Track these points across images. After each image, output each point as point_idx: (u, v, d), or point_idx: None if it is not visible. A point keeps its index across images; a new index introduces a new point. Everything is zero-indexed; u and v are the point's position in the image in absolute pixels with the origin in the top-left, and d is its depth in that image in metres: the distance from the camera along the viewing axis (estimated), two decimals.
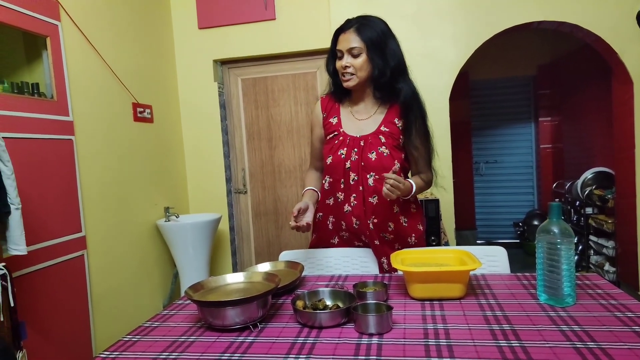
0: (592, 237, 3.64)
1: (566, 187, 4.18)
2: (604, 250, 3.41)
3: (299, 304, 1.30)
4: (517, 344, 1.06)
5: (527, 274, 1.58)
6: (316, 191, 1.87)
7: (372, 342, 1.11)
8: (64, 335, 2.31)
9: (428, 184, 1.84)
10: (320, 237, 1.90)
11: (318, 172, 1.97)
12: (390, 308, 1.20)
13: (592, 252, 3.69)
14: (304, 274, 1.74)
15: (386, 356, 1.03)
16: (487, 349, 1.05)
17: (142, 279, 3.01)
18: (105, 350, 1.16)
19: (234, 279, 1.46)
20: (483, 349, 1.05)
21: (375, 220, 1.75)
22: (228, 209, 3.70)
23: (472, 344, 1.07)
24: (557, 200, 4.42)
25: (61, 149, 2.37)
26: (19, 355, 1.52)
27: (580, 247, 3.92)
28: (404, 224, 1.79)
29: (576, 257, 4.03)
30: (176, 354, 1.12)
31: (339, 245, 1.85)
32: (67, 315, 2.34)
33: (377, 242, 1.78)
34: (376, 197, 1.75)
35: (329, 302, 1.35)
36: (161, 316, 1.38)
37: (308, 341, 1.14)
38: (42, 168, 2.24)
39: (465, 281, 1.35)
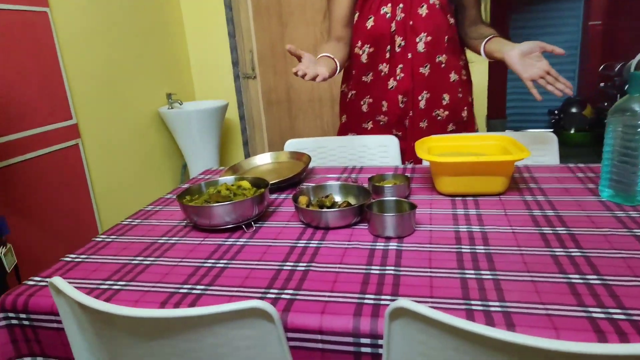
0: None
1: (616, 68, 3.70)
2: None
3: (302, 200, 1.07)
4: (578, 253, 0.82)
5: (581, 165, 1.30)
6: (334, 59, 1.44)
7: (390, 247, 0.89)
8: (65, 225, 2.22)
9: None
10: (351, 122, 1.61)
11: (340, 43, 1.55)
12: (413, 206, 0.96)
13: None
14: (311, 165, 1.50)
15: (407, 267, 0.81)
16: (537, 258, 0.81)
17: (148, 172, 2.87)
18: (71, 254, 0.98)
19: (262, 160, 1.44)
20: (533, 258, 0.82)
21: (427, 95, 1.46)
22: (237, 96, 3.41)
23: (518, 251, 0.84)
24: (602, 84, 3.95)
25: (35, 24, 2.05)
26: (2, 250, 1.38)
27: None
28: (459, 94, 1.51)
29: None
30: (152, 258, 0.93)
31: (372, 132, 1.58)
32: (67, 205, 2.22)
33: (424, 125, 1.51)
34: (428, 67, 1.44)
35: (338, 199, 1.12)
36: (143, 212, 1.19)
37: (311, 244, 0.93)
38: (17, 48, 1.95)
39: (509, 174, 1.08)
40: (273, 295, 0.76)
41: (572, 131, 4.19)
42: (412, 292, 0.73)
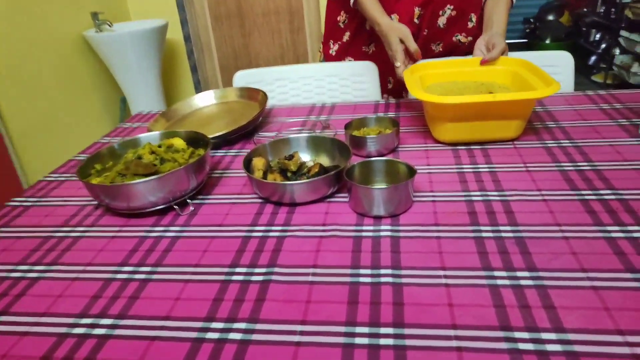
0: (623, 33, 3.04)
1: None
2: (636, 48, 2.87)
3: (257, 163, 0.79)
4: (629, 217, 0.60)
5: (602, 92, 1.05)
6: None
7: (382, 232, 0.64)
8: None
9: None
10: (349, 43, 1.26)
11: None
12: (412, 171, 0.69)
13: (618, 51, 3.15)
14: (269, 103, 1.19)
15: (411, 268, 0.57)
16: (589, 243, 0.58)
17: (78, 108, 2.45)
18: None
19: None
20: (582, 243, 0.58)
21: (452, 12, 1.14)
22: (179, 12, 2.91)
23: (560, 233, 0.60)
24: None
25: None
26: None
27: (603, 45, 3.35)
28: None
29: (594, 58, 3.48)
30: (36, 273, 0.64)
31: (372, 57, 1.25)
32: None
33: (437, 49, 1.20)
34: None
35: (306, 158, 0.84)
36: (67, 167, 0.88)
37: (271, 233, 0.66)
38: None
39: (527, 115, 0.82)
40: (216, 336, 0.50)
41: (548, 41, 3.92)
42: (425, 319, 0.49)
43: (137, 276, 0.60)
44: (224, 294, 0.56)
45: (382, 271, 0.57)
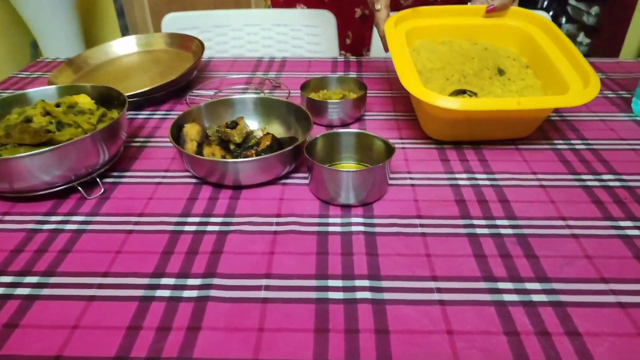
0: (571, 1, 3.04)
1: None
2: (583, 18, 2.88)
3: (191, 132, 0.61)
4: None
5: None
6: None
7: (354, 227, 0.50)
8: None
9: None
10: None
11: None
12: (390, 149, 0.55)
13: (564, 19, 3.16)
14: (205, 56, 0.99)
15: (391, 277, 0.44)
16: (604, 245, 0.48)
17: None
18: None
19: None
20: (597, 244, 0.48)
21: None
22: None
23: (568, 230, 0.50)
24: None
25: None
26: None
27: (551, 13, 3.35)
28: None
29: None
30: None
31: (328, 6, 1.04)
32: None
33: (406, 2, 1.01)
34: None
35: (253, 126, 0.67)
36: None
37: (209, 227, 0.51)
38: None
39: (545, 115, 0.68)
40: None
41: None
42: (421, 350, 0.37)
43: (19, 291, 0.43)
44: (142, 320, 0.40)
45: (358, 283, 0.43)
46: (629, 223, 0.51)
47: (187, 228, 0.50)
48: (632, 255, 0.46)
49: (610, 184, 0.57)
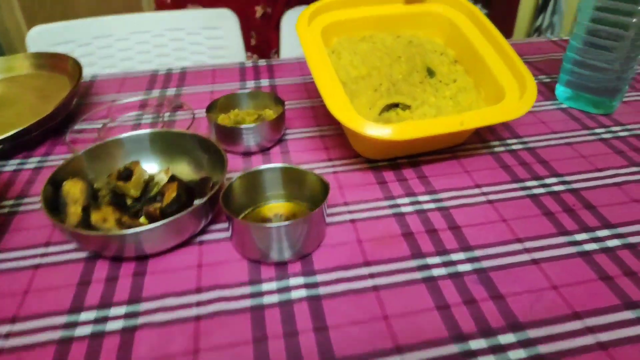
0: None
1: None
2: None
3: (72, 191, 0.48)
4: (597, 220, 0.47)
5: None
6: None
7: (292, 289, 0.42)
8: None
9: None
10: None
11: None
12: (325, 187, 0.47)
13: None
14: (87, 76, 0.84)
15: (345, 350, 0.36)
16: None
17: None
18: None
19: None
20: (538, 244, 0.44)
21: None
22: None
23: (516, 243, 0.45)
24: None
25: None
26: None
27: None
28: None
29: None
30: None
31: (227, 2, 0.90)
32: None
33: None
34: None
35: (153, 168, 0.55)
36: None
37: (110, 323, 0.39)
38: None
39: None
40: None
41: None
42: None
43: None
44: None
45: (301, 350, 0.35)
46: (584, 236, 0.47)
47: (79, 331, 0.39)
48: (597, 277, 0.43)
49: (555, 188, 0.54)
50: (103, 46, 0.89)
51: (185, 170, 0.55)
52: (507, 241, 0.47)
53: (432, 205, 0.51)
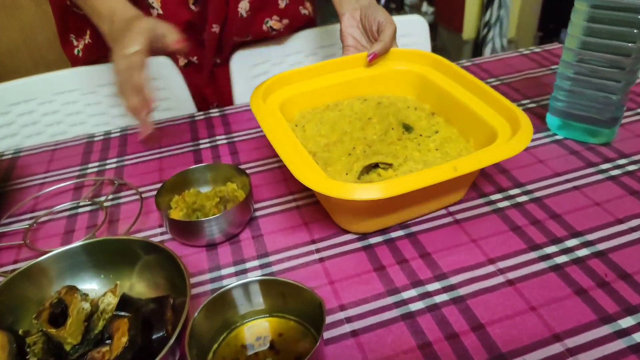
0: None
1: None
2: None
3: None
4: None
5: (466, 62, 0.86)
6: None
7: None
8: None
9: None
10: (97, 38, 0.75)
11: None
12: (316, 302, 0.37)
13: None
14: (8, 151, 0.70)
15: None
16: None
17: None
18: None
19: None
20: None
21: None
22: None
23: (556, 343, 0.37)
24: None
25: None
26: None
27: None
28: None
29: None
30: None
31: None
32: None
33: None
34: None
35: (96, 288, 0.44)
36: None
37: None
38: None
39: (474, 176, 0.55)
40: None
41: None
42: None
43: None
44: None
45: None
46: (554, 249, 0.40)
47: None
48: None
49: (579, 253, 0.46)
50: (22, 113, 0.76)
51: (137, 286, 0.44)
52: (545, 340, 0.39)
53: (444, 297, 0.43)
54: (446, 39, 2.87)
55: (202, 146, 0.68)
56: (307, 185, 0.43)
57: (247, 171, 0.60)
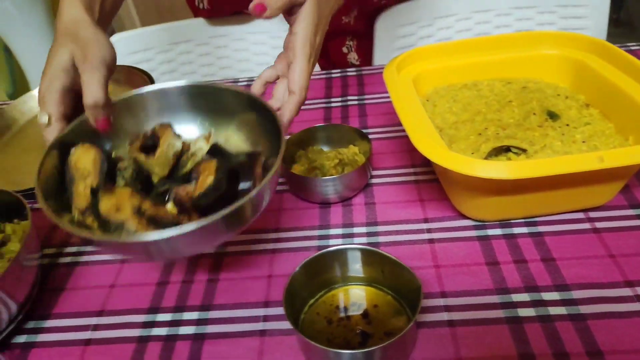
0: None
1: None
2: None
3: (82, 163, 0.38)
4: None
5: None
6: None
7: None
8: None
9: None
10: (217, 7, 0.80)
11: None
12: (414, 283, 0.36)
13: None
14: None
15: None
16: None
17: None
18: None
19: None
20: None
21: None
22: None
23: None
24: None
25: None
26: None
27: None
28: None
29: None
30: None
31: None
32: None
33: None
34: None
35: (191, 133, 0.43)
36: None
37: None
38: None
39: (631, 174, 0.46)
40: None
41: None
42: None
43: None
44: None
45: None
46: None
47: None
48: None
49: None
50: (182, 51, 0.84)
51: (232, 139, 0.43)
52: None
53: (561, 310, 0.38)
54: (634, 10, 2.33)
55: (333, 104, 0.68)
56: (426, 156, 0.41)
57: (372, 136, 0.59)
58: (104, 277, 0.47)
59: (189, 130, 0.44)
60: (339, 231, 0.48)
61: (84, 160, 0.38)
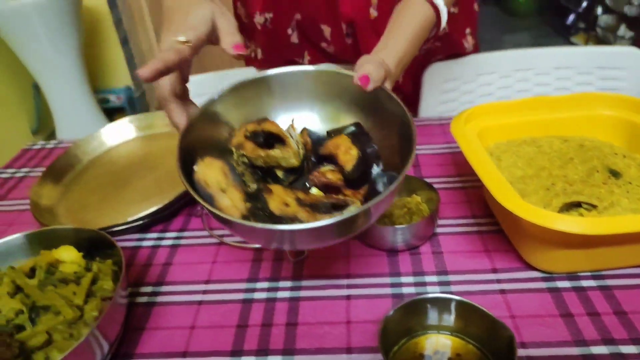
0: None
1: None
2: (625, 9, 2.61)
3: (210, 177, 0.40)
4: None
5: None
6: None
7: None
8: None
9: None
10: (271, 58, 0.87)
11: None
12: (506, 335, 0.38)
13: (601, 10, 2.89)
14: None
15: None
16: None
17: None
18: None
19: None
20: None
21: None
22: None
23: None
24: None
25: None
26: None
27: (584, 4, 3.07)
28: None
29: (572, 17, 3.19)
30: None
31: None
32: None
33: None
34: None
35: (314, 122, 0.48)
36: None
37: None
38: None
39: None
40: None
41: None
42: None
43: None
44: None
45: None
46: None
47: None
48: None
49: None
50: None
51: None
52: None
53: None
54: None
55: None
56: (507, 208, 0.43)
57: None
58: (183, 317, 0.48)
59: (311, 121, 0.47)
60: (410, 279, 0.50)
61: (211, 175, 0.39)
